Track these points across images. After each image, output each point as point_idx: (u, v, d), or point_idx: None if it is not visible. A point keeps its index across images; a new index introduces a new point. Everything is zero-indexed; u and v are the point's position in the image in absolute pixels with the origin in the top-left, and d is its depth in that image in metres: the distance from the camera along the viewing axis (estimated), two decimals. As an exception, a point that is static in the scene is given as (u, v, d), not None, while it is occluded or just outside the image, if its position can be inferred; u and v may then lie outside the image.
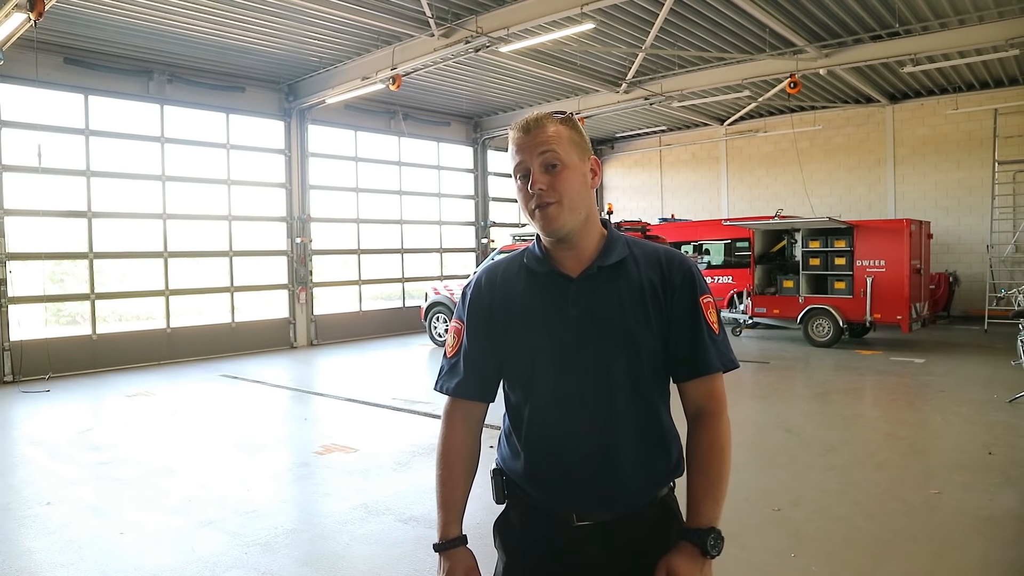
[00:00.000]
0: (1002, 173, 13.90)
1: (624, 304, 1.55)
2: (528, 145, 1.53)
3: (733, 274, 14.73)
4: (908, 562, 3.71)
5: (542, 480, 1.57)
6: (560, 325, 1.55)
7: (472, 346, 1.65)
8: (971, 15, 10.37)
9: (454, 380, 1.66)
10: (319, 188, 14.17)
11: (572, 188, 1.53)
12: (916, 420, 6.95)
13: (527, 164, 1.53)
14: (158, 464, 5.80)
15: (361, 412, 7.62)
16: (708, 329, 1.58)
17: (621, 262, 1.58)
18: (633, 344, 1.54)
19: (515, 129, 1.57)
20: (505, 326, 1.61)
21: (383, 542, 4.14)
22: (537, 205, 1.52)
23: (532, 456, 1.58)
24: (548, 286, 1.59)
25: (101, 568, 3.84)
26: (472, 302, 1.67)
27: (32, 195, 10.35)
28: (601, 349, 1.54)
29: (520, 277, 1.63)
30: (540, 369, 1.57)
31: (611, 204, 16.30)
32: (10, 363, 9.97)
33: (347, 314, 14.70)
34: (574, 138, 1.56)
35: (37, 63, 9.59)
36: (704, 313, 1.58)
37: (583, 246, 1.59)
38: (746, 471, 5.34)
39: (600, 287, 1.56)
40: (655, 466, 1.58)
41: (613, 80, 13.68)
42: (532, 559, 1.60)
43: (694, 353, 1.57)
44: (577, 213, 1.55)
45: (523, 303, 1.60)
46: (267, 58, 11.78)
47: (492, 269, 1.70)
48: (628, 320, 1.54)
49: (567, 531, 1.55)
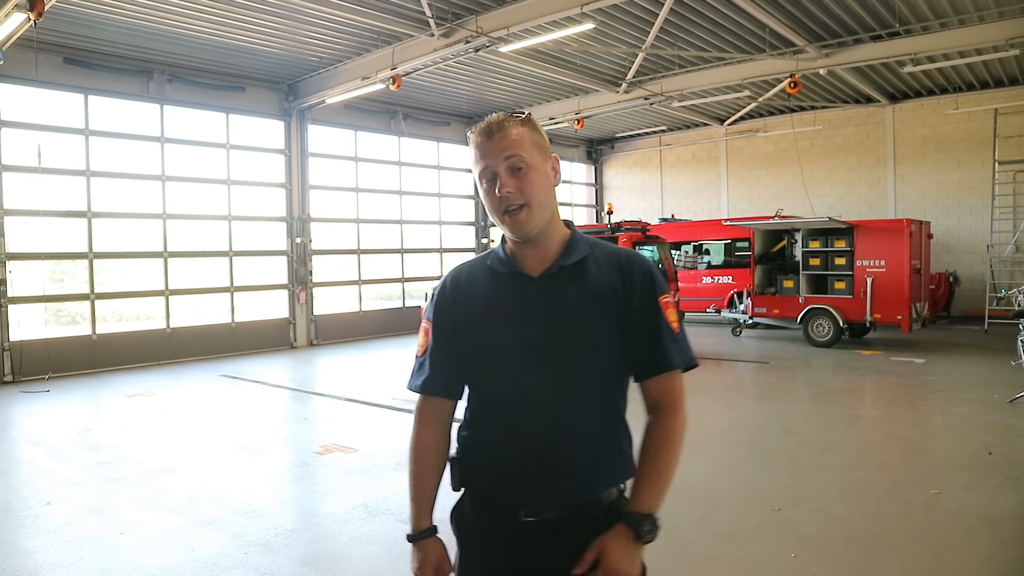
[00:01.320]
0: (1002, 173, 13.90)
1: (584, 303, 1.59)
2: (492, 150, 1.55)
3: (733, 274, 14.73)
4: (908, 562, 3.71)
5: (495, 473, 1.62)
6: (521, 324, 1.59)
7: (437, 345, 1.70)
8: (971, 15, 10.37)
9: (421, 378, 1.71)
10: (319, 188, 14.18)
11: (539, 190, 1.56)
12: (916, 420, 6.95)
13: (493, 168, 1.55)
14: (158, 464, 5.80)
15: (361, 412, 7.61)
16: (668, 328, 1.61)
17: (582, 262, 1.61)
18: (591, 343, 1.58)
19: (477, 134, 1.58)
20: (468, 325, 1.65)
21: (383, 542, 4.14)
22: (506, 209, 1.55)
23: (487, 449, 1.64)
24: (510, 286, 1.63)
25: (101, 568, 3.83)
26: (438, 303, 1.72)
27: (32, 195, 10.36)
28: (560, 348, 1.57)
29: (484, 278, 1.68)
30: (500, 366, 1.62)
31: (611, 204, 16.29)
32: (10, 363, 9.97)
33: (347, 314, 14.70)
34: (536, 139, 1.59)
35: (37, 63, 9.58)
36: (664, 313, 1.62)
37: (547, 245, 1.62)
38: (746, 471, 5.34)
39: (561, 286, 1.60)
40: (606, 464, 1.61)
41: (613, 80, 13.68)
42: (484, 548, 1.65)
43: (655, 352, 1.61)
44: (544, 213, 1.59)
45: (486, 303, 1.64)
46: (267, 58, 11.79)
47: (457, 271, 1.74)
48: (587, 319, 1.58)
49: (514, 524, 1.60)
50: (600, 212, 20.68)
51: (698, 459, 5.82)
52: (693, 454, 5.92)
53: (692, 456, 6.08)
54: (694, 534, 4.09)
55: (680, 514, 4.41)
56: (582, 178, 21.23)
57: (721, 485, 4.98)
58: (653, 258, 12.18)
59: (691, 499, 4.69)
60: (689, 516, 4.37)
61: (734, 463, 5.54)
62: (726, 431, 6.67)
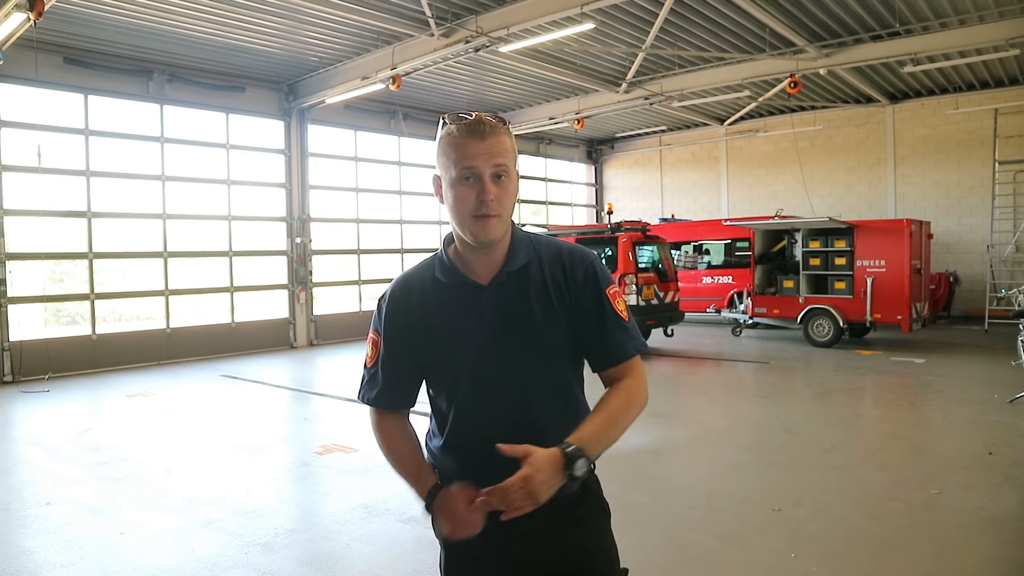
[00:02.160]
0: (1002, 173, 13.90)
1: (533, 306, 1.61)
2: (482, 152, 1.52)
3: (733, 274, 14.73)
4: (908, 562, 3.70)
5: (470, 474, 1.61)
6: (475, 333, 1.60)
7: (389, 357, 1.69)
8: (971, 15, 10.37)
9: (374, 391, 1.71)
10: (319, 188, 14.17)
11: (511, 200, 1.58)
12: (916, 420, 6.95)
13: (479, 171, 1.52)
14: (158, 464, 5.80)
15: (361, 412, 7.60)
16: (617, 318, 1.64)
17: (527, 264, 1.63)
18: (546, 344, 1.61)
19: (463, 131, 1.53)
20: (422, 337, 1.65)
21: (383, 542, 4.13)
22: (481, 214, 1.53)
23: (459, 453, 1.66)
24: (460, 296, 1.63)
25: (101, 568, 3.83)
26: (387, 314, 1.69)
27: (32, 195, 10.35)
28: (517, 352, 1.60)
29: (432, 288, 1.66)
30: (461, 377, 1.63)
31: (611, 204, 16.29)
32: (10, 363, 9.96)
33: (347, 314, 14.69)
34: (514, 148, 1.60)
35: (37, 63, 9.58)
36: (612, 304, 1.64)
37: (497, 250, 1.63)
38: (746, 471, 5.34)
39: (510, 292, 1.62)
40: None
41: (613, 80, 13.68)
42: (465, 542, 1.63)
43: (609, 343, 1.64)
44: (507, 223, 1.61)
45: (438, 314, 1.64)
46: (267, 58, 11.78)
47: (405, 280, 1.72)
48: (539, 321, 1.60)
49: (494, 514, 1.58)
50: (600, 212, 20.68)
51: (698, 459, 5.83)
52: (693, 454, 5.95)
53: (692, 456, 6.13)
54: (694, 534, 4.09)
55: (680, 514, 4.41)
56: (582, 178, 21.23)
57: (721, 485, 4.98)
58: (653, 258, 12.18)
59: (691, 499, 4.69)
60: (689, 516, 4.37)
61: (734, 463, 5.54)
62: (726, 431, 6.67)
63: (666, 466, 5.68)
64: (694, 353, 11.63)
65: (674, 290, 12.14)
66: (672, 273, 12.30)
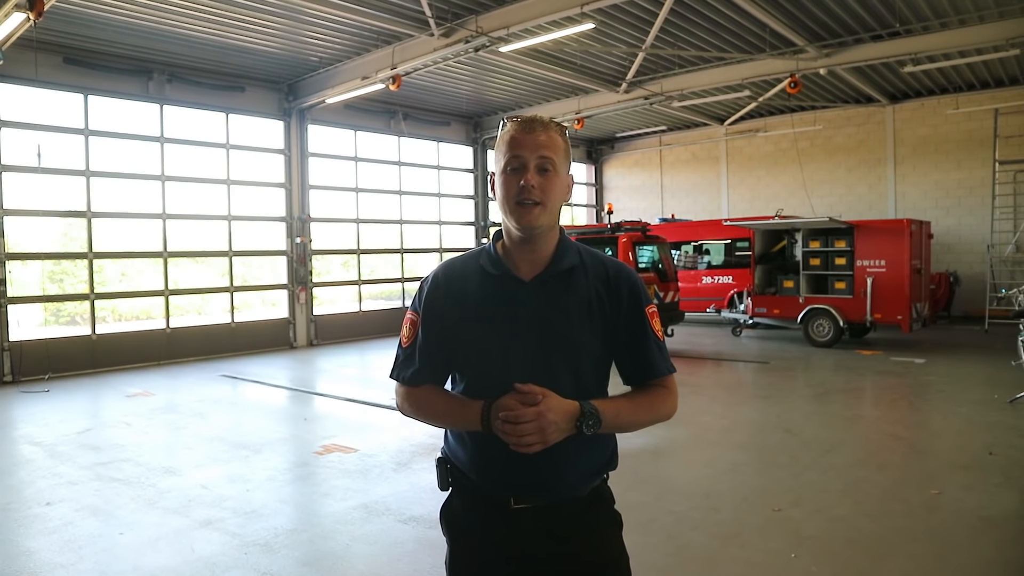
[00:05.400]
0: (1003, 173, 13.90)
1: (570, 310, 1.65)
2: (529, 143, 1.60)
3: (733, 274, 14.73)
4: (908, 562, 3.70)
5: (486, 468, 1.66)
6: (509, 326, 1.64)
7: (426, 339, 1.71)
8: (972, 15, 10.37)
9: (410, 370, 1.72)
10: (319, 188, 14.17)
11: (556, 195, 1.64)
12: (916, 420, 6.95)
13: (525, 160, 1.60)
14: (158, 464, 5.80)
15: (361, 412, 7.60)
16: (655, 338, 1.71)
17: (571, 269, 1.67)
18: (576, 348, 1.65)
19: (516, 125, 1.63)
20: (457, 322, 1.68)
21: (383, 542, 4.13)
22: (523, 200, 1.59)
23: (477, 446, 1.67)
24: (500, 288, 1.66)
25: (101, 568, 3.83)
26: (428, 297, 1.72)
27: (32, 195, 10.35)
28: (545, 350, 1.63)
29: (475, 277, 1.70)
30: (489, 366, 1.65)
31: (611, 204, 16.29)
32: (10, 363, 9.96)
33: (347, 314, 14.70)
34: (567, 150, 1.67)
35: (37, 63, 9.58)
36: (651, 323, 1.71)
37: (542, 249, 1.67)
38: (746, 471, 5.34)
39: (550, 293, 1.65)
40: (591, 460, 1.68)
41: (613, 80, 13.68)
42: (475, 539, 1.70)
43: (644, 360, 1.70)
44: (552, 218, 1.65)
45: (476, 302, 1.67)
46: (267, 58, 11.78)
47: (449, 266, 1.76)
48: (573, 325, 1.64)
49: (505, 512, 1.65)
50: (600, 212, 20.68)
51: (698, 459, 5.83)
52: (693, 454, 5.95)
53: (692, 456, 6.12)
54: (694, 534, 4.09)
55: (680, 514, 4.41)
56: (582, 178, 21.21)
57: (721, 485, 4.98)
58: (653, 258, 12.17)
59: (691, 499, 4.69)
60: (689, 516, 4.37)
61: (734, 463, 5.54)
62: (726, 431, 6.67)
63: (666, 466, 5.68)
64: (694, 353, 11.63)
65: (674, 290, 12.14)
66: (672, 273, 12.30)
